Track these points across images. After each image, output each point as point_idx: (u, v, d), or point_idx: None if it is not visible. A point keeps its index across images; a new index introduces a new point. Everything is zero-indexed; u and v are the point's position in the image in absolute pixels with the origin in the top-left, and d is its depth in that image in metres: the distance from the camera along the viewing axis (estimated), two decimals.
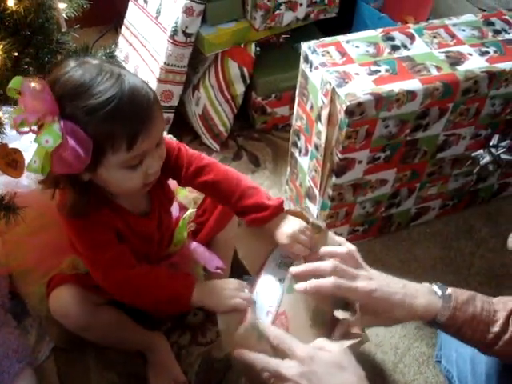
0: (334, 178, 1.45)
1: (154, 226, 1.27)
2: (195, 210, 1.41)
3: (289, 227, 1.13)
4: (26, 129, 0.99)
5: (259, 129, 2.03)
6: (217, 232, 1.43)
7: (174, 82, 1.84)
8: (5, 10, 1.19)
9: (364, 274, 1.01)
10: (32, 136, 1.01)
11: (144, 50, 1.90)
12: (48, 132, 0.95)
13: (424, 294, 1.02)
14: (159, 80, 1.82)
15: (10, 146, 1.20)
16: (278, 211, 1.17)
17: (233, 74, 1.86)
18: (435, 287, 1.04)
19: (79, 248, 1.19)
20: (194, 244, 1.39)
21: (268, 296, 1.08)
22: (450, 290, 1.03)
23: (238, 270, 1.35)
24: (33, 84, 0.96)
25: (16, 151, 1.36)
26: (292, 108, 1.80)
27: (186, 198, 1.47)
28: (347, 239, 1.62)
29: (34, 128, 0.98)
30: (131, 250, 1.23)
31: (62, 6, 1.33)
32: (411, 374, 1.43)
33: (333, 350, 0.91)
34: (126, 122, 1.00)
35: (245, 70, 1.86)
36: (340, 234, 1.61)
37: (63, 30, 1.36)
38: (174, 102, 1.89)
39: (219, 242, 1.45)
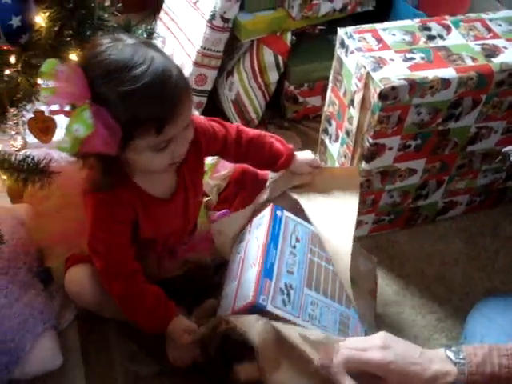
0: (363, 164, 1.46)
1: (177, 210, 1.28)
2: (211, 198, 1.44)
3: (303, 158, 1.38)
4: (58, 108, 1.01)
5: (290, 118, 2.05)
6: None
7: (209, 67, 1.87)
8: None
9: (377, 344, 0.96)
10: None
11: (181, 34, 1.93)
12: (79, 121, 0.97)
13: (439, 361, 0.97)
14: (195, 63, 1.85)
15: None
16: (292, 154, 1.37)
17: (267, 61, 1.88)
18: (450, 353, 0.97)
19: (90, 226, 1.20)
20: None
21: (251, 253, 1.20)
22: (464, 354, 0.96)
23: None
24: (66, 68, 0.97)
25: (50, 119, 1.41)
26: (323, 99, 1.82)
27: (207, 185, 1.47)
28: (372, 228, 1.65)
29: (66, 109, 1.00)
30: (151, 234, 1.26)
31: None
32: None
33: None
34: (156, 109, 1.01)
35: (279, 58, 1.88)
36: (366, 223, 1.63)
37: (106, 4, 1.40)
38: (208, 87, 1.91)
39: None
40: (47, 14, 1.21)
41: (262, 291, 1.09)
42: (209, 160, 1.49)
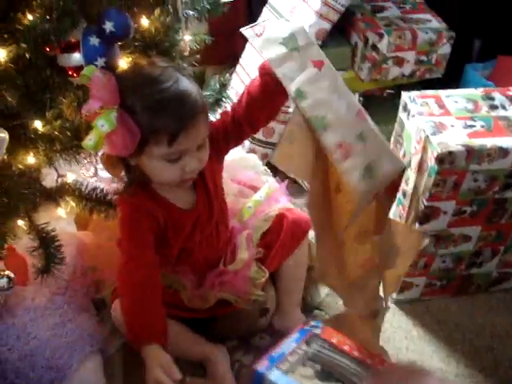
0: (417, 226, 1.47)
1: (203, 219, 1.35)
2: (248, 231, 1.47)
3: None
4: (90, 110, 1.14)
5: None
6: (286, 257, 1.47)
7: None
8: (138, 28, 1.34)
9: None
10: None
11: None
12: (105, 118, 1.11)
13: None
14: None
15: None
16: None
17: None
18: None
19: (120, 235, 1.29)
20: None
21: None
22: None
23: None
24: (102, 75, 1.13)
25: None
26: None
27: (249, 225, 1.50)
28: (424, 292, 1.64)
29: (96, 111, 1.13)
30: (182, 244, 1.34)
31: (187, 37, 1.48)
32: None
33: None
34: (171, 121, 1.15)
35: None
36: (417, 285, 1.62)
37: (185, 53, 1.50)
38: (274, 140, 1.98)
39: (289, 268, 1.48)
40: (130, 58, 1.32)
41: None
42: (255, 196, 1.54)
